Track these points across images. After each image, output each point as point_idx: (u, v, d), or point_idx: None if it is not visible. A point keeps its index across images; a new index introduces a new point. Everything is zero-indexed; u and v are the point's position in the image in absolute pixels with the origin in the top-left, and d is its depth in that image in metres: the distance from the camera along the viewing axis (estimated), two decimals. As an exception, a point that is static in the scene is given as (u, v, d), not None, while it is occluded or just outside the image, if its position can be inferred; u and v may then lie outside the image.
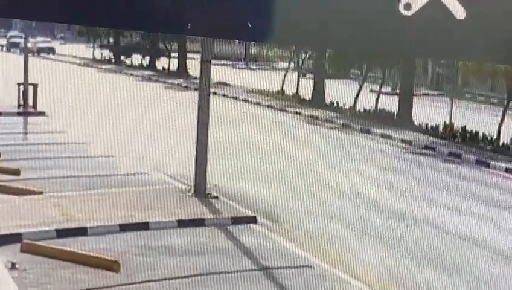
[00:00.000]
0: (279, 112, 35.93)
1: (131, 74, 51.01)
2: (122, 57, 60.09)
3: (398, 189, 20.59)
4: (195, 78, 38.27)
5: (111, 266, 13.02)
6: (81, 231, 14.98)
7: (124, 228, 15.41)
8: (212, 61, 19.72)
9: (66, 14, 3.81)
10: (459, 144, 28.62)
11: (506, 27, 3.71)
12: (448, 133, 30.25)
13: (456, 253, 15.34)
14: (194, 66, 42.11)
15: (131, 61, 58.99)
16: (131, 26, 4.09)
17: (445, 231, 16.78)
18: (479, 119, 31.59)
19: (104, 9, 3.78)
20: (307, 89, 40.68)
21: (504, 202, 20.09)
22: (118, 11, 3.78)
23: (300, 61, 45.10)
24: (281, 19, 3.73)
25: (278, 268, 13.76)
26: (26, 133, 28.20)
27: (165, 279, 12.83)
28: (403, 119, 33.42)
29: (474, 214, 18.24)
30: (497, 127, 28.78)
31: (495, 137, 28.53)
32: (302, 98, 40.53)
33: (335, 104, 37.63)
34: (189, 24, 3.77)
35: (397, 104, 35.19)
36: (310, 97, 39.95)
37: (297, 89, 41.84)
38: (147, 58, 58.27)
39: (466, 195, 20.26)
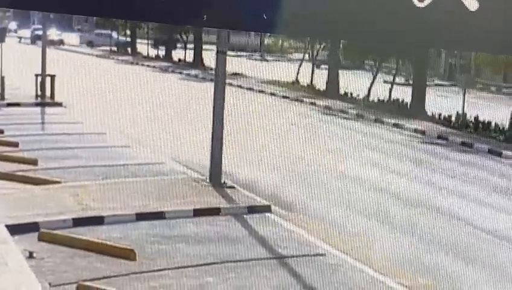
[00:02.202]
0: (294, 102, 35.93)
1: (147, 65, 51.06)
2: (139, 49, 60.25)
3: (414, 178, 20.67)
4: (211, 69, 38.29)
5: (127, 254, 13.12)
6: (98, 220, 15.08)
7: (140, 217, 15.51)
8: (228, 53, 19.78)
9: (85, 6, 3.86)
10: (472, 134, 28.58)
11: (518, 18, 3.75)
12: (461, 123, 30.23)
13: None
14: (210, 57, 42.15)
15: (148, 52, 59.03)
16: (148, 17, 4.15)
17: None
18: (491, 109, 31.52)
19: (122, 0, 3.84)
20: (321, 79, 40.70)
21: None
22: (136, 3, 3.83)
23: (315, 53, 45.09)
24: (295, 10, 3.78)
25: (292, 257, 13.86)
26: (43, 123, 28.31)
27: (181, 267, 12.92)
28: (416, 109, 33.41)
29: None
30: (509, 117, 28.75)
31: (507, 127, 28.50)
32: (316, 88, 40.55)
33: (349, 95, 37.65)
34: (205, 16, 3.82)
35: (410, 94, 35.21)
36: (325, 88, 39.95)
37: (311, 79, 41.84)
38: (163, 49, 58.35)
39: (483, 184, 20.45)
